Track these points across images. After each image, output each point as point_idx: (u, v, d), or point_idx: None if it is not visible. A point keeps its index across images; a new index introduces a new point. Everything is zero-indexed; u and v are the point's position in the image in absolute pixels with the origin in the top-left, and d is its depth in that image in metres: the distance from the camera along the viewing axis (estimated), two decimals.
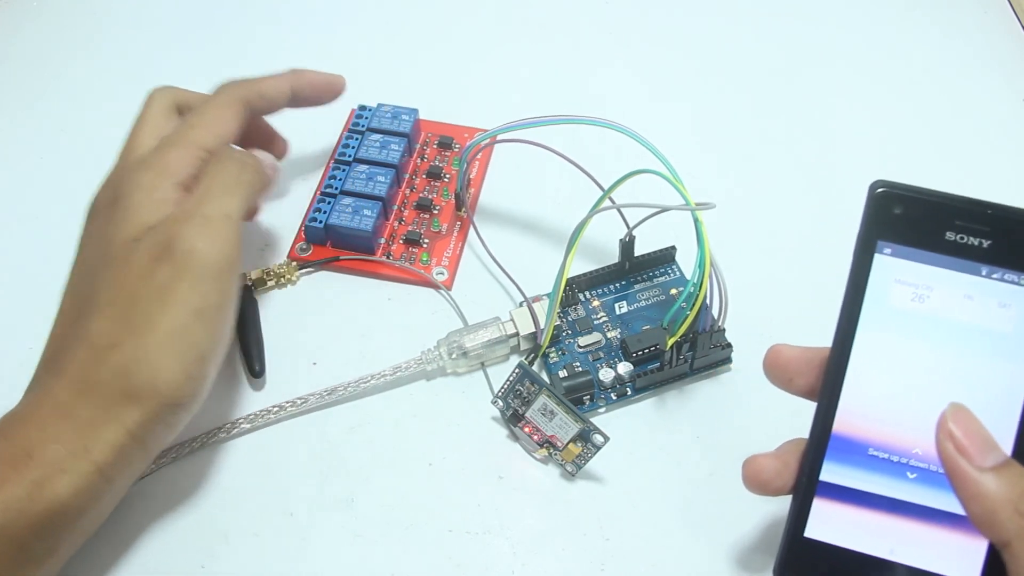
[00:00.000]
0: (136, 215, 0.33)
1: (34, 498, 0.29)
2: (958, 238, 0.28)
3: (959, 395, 0.27)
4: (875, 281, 0.29)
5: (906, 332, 0.28)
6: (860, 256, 0.29)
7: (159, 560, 0.34)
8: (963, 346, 0.28)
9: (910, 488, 0.28)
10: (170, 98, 0.39)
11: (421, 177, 0.46)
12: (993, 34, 0.54)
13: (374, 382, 0.38)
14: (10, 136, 0.49)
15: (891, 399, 0.29)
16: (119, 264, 0.32)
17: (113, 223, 0.34)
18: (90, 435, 0.30)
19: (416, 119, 0.46)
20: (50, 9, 0.56)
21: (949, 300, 0.28)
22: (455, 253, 0.43)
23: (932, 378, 0.28)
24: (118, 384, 0.31)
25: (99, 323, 0.31)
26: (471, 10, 0.55)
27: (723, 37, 0.54)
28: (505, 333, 0.38)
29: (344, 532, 0.35)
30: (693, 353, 0.37)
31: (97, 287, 0.32)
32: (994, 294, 0.28)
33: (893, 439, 0.28)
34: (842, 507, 0.28)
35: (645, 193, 0.38)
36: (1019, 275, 0.28)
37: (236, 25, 0.55)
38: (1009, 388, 0.28)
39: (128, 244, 0.33)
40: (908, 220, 0.28)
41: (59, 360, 0.32)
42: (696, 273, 0.34)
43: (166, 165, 0.35)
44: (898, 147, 0.48)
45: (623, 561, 0.34)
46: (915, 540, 0.28)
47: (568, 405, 0.35)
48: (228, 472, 0.36)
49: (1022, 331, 0.28)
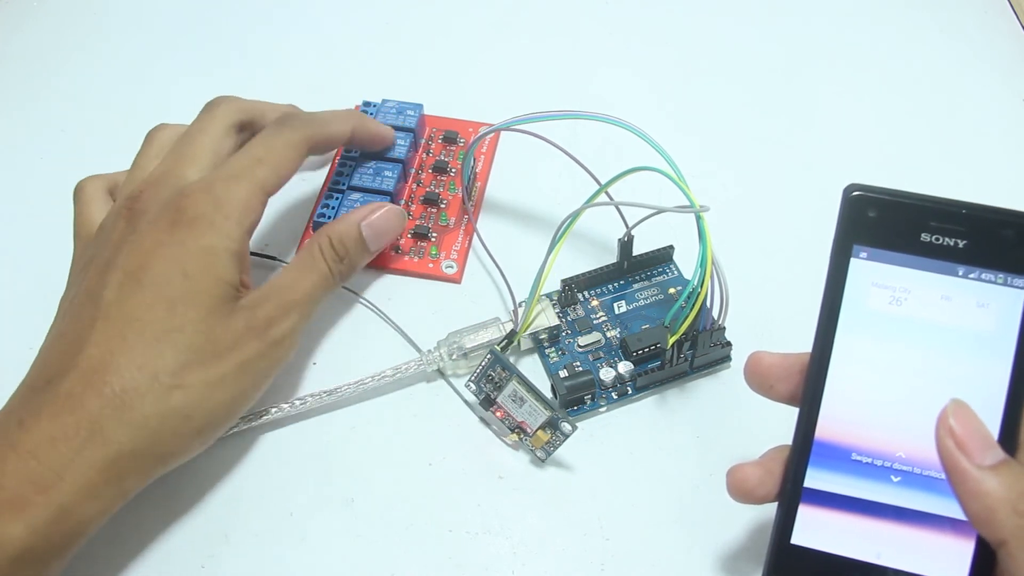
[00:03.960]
0: (213, 268, 0.33)
1: (60, 521, 0.29)
2: (933, 239, 0.28)
3: (941, 397, 0.27)
4: (852, 285, 0.28)
5: (885, 335, 0.28)
6: (836, 260, 0.29)
7: (159, 560, 0.34)
8: (943, 347, 0.28)
9: (895, 491, 0.28)
10: (235, 113, 0.38)
11: (427, 172, 0.46)
12: (993, 34, 0.54)
13: (374, 384, 0.38)
14: (10, 136, 0.49)
15: (873, 403, 0.28)
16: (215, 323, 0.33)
17: (191, 260, 0.33)
18: (126, 467, 0.30)
19: (421, 114, 0.46)
20: (50, 9, 0.56)
21: (927, 302, 0.28)
22: (463, 247, 0.43)
23: (913, 381, 0.28)
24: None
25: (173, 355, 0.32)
26: (475, 5, 0.55)
27: (723, 36, 0.54)
28: (504, 333, 0.38)
29: (344, 532, 0.35)
30: (693, 352, 0.37)
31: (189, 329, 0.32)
32: (972, 294, 0.28)
33: (876, 443, 0.28)
34: (828, 513, 0.28)
35: (645, 191, 0.38)
36: (996, 274, 0.28)
37: (237, 23, 0.55)
38: (990, 387, 0.28)
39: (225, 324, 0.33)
40: (883, 223, 0.28)
41: (87, 381, 0.31)
42: (698, 272, 0.34)
43: (233, 203, 0.34)
44: (898, 147, 0.48)
45: (623, 561, 0.34)
46: (902, 543, 0.28)
47: (538, 392, 0.35)
48: (228, 472, 0.36)
49: (1001, 330, 0.28)
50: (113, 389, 0.30)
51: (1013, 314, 0.27)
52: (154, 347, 0.31)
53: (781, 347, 0.39)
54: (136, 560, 0.34)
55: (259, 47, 0.53)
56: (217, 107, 0.37)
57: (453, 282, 0.42)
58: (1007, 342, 0.27)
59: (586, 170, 0.39)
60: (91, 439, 0.29)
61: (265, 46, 0.53)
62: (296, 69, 0.52)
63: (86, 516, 0.30)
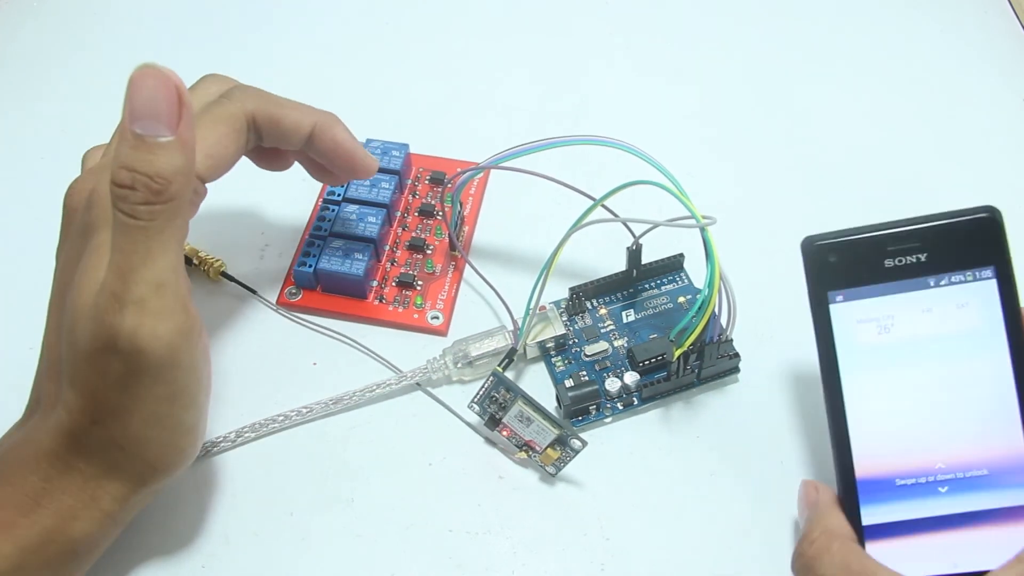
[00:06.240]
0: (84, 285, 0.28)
1: (49, 541, 0.29)
2: (897, 262, 0.29)
3: (956, 401, 0.29)
4: (839, 329, 0.29)
5: (886, 364, 0.29)
6: (817, 311, 0.30)
7: (159, 560, 0.34)
8: (942, 356, 0.29)
9: (946, 501, 0.29)
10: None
11: (413, 215, 0.44)
12: (993, 34, 0.54)
13: (380, 391, 0.38)
14: (10, 136, 0.49)
15: (897, 429, 0.29)
16: (73, 339, 0.28)
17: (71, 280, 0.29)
18: (96, 488, 0.30)
19: (407, 154, 0.44)
20: (50, 9, 0.56)
21: (912, 320, 0.29)
22: (450, 295, 0.41)
23: (926, 395, 0.29)
24: (111, 454, 0.29)
25: (75, 400, 0.29)
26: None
27: (723, 36, 0.54)
28: (511, 342, 0.38)
29: (344, 532, 0.35)
30: (700, 363, 0.37)
31: (63, 356, 0.29)
32: (949, 299, 0.29)
33: (913, 463, 0.29)
34: (894, 541, 0.29)
35: (650, 203, 0.38)
36: (962, 273, 0.29)
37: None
38: (996, 377, 0.29)
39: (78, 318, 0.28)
40: (847, 263, 0.29)
41: (48, 411, 0.30)
42: (706, 285, 0.33)
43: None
44: (898, 147, 0.48)
45: (623, 561, 0.34)
46: (970, 546, 0.28)
47: (545, 411, 0.35)
48: (228, 472, 0.36)
49: (987, 321, 0.29)
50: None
51: (992, 303, 0.29)
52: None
53: (785, 352, 0.39)
54: (136, 560, 0.34)
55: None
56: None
57: (439, 334, 0.40)
58: (996, 330, 0.29)
59: (582, 194, 0.38)
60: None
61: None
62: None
63: (75, 535, 0.30)
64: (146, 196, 0.27)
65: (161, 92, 0.27)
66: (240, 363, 0.40)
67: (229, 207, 0.45)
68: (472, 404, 0.36)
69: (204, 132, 0.31)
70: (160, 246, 0.27)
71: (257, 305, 0.41)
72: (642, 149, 0.35)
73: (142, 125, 0.27)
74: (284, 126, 0.34)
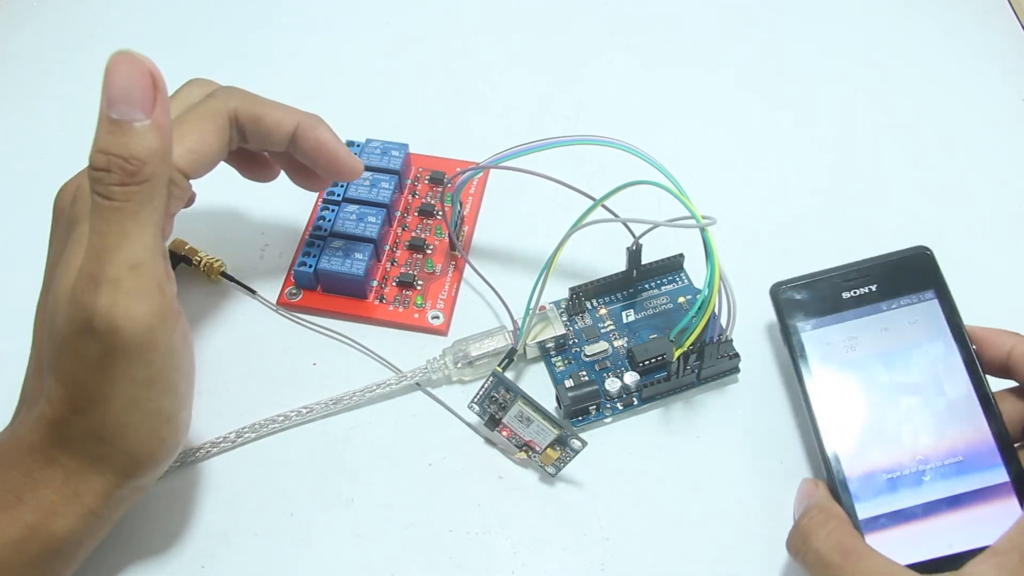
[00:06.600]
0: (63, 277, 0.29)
1: (31, 538, 0.29)
2: (854, 293, 0.36)
3: (921, 400, 0.33)
4: (811, 351, 0.35)
5: (854, 374, 0.34)
6: (790, 341, 0.35)
7: (159, 560, 0.34)
8: (904, 364, 0.34)
9: (931, 487, 0.32)
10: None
11: (413, 215, 0.44)
12: (993, 34, 0.54)
13: (380, 391, 0.38)
14: (10, 136, 0.49)
15: (873, 429, 0.33)
16: (53, 326, 0.29)
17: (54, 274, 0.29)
18: (78, 483, 0.30)
19: (407, 154, 0.44)
20: (50, 9, 0.56)
21: (872, 339, 0.35)
22: (450, 295, 0.41)
23: (895, 398, 0.34)
24: (92, 446, 0.29)
25: (56, 389, 0.29)
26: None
27: (722, 36, 0.54)
28: (511, 342, 0.38)
29: (344, 532, 0.35)
30: (700, 363, 0.37)
31: (44, 347, 0.30)
32: (901, 319, 0.35)
33: (895, 457, 0.33)
34: (891, 531, 0.32)
35: (649, 203, 0.38)
36: (908, 296, 0.35)
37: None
38: (953, 376, 0.34)
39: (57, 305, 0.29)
40: (811, 299, 0.36)
41: (32, 406, 0.30)
42: (706, 285, 0.34)
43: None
44: (898, 147, 0.48)
45: (623, 561, 0.34)
46: (962, 526, 0.31)
47: (545, 411, 0.35)
48: (228, 472, 0.37)
49: (934, 332, 0.35)
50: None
51: (937, 317, 0.35)
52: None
53: (785, 352, 0.39)
54: (136, 560, 0.34)
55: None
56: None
57: (439, 334, 0.40)
58: (945, 338, 0.34)
59: (582, 194, 0.38)
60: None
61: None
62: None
63: (58, 532, 0.30)
64: (121, 177, 0.27)
65: (136, 78, 0.27)
66: (240, 363, 0.40)
67: (229, 207, 0.45)
68: (472, 404, 0.36)
69: (187, 128, 0.32)
70: (136, 227, 0.28)
71: (257, 305, 0.41)
72: (642, 149, 0.35)
73: (117, 110, 0.27)
74: (266, 124, 0.34)
